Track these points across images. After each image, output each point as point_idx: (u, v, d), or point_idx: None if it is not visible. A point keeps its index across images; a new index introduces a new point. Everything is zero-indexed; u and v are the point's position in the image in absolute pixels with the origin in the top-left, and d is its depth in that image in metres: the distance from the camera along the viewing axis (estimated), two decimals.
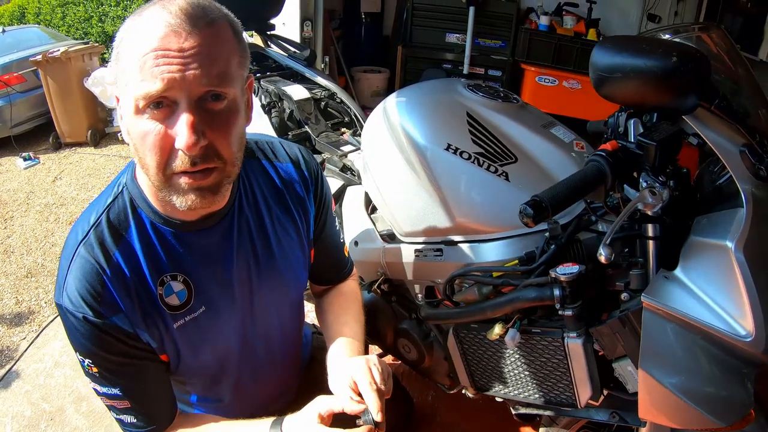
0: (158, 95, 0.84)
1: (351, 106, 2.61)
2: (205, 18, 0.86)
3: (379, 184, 1.74)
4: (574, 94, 4.87)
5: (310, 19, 4.24)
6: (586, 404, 1.41)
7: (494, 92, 1.69)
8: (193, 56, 0.83)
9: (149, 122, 0.86)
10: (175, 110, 0.86)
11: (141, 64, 0.82)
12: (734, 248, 1.01)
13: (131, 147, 0.92)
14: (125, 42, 0.85)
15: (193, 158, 0.88)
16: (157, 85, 0.82)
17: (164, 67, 0.82)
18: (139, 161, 0.92)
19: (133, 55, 0.83)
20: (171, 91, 0.84)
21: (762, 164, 1.08)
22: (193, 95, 0.86)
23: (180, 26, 0.83)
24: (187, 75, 0.83)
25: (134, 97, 0.84)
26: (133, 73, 0.83)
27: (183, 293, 1.06)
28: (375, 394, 1.02)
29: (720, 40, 1.33)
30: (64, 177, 4.41)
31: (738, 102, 1.27)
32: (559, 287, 1.23)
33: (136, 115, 0.87)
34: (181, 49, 0.83)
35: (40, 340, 2.68)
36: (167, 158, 0.88)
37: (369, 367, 1.07)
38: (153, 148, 0.88)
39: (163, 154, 0.88)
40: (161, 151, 0.88)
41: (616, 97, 1.19)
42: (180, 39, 0.82)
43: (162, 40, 0.82)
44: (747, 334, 1.00)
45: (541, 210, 0.98)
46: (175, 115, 0.86)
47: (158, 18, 0.83)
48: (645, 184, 1.07)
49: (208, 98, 0.88)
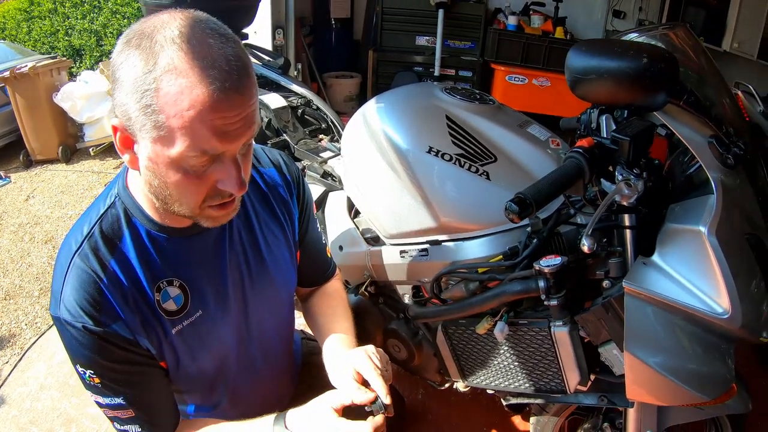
0: (225, 151, 0.88)
1: (327, 113, 2.64)
2: (248, 76, 0.87)
3: (362, 189, 1.78)
4: (544, 92, 4.97)
5: (282, 26, 4.26)
6: (575, 390, 1.46)
7: (471, 95, 1.74)
8: (246, 119, 0.87)
9: (188, 174, 0.89)
10: (219, 159, 0.90)
11: (195, 128, 0.83)
12: (707, 232, 1.08)
13: (153, 183, 0.93)
14: (164, 97, 0.82)
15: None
16: (213, 147, 0.85)
17: (222, 130, 0.84)
18: (162, 196, 0.94)
19: (185, 118, 0.82)
20: (233, 144, 0.88)
21: (729, 153, 1.14)
22: (240, 148, 0.91)
23: (236, 91, 0.84)
24: (241, 137, 0.88)
25: (180, 154, 0.85)
26: (180, 133, 0.84)
27: (180, 298, 1.08)
28: (380, 380, 1.05)
29: (685, 37, 1.41)
30: (37, 195, 4.34)
31: (704, 94, 1.34)
32: (544, 279, 1.28)
33: (171, 168, 0.88)
34: (240, 115, 0.86)
35: (24, 364, 2.63)
36: (204, 198, 0.93)
37: (369, 356, 1.11)
38: (192, 194, 0.92)
39: (201, 195, 0.92)
40: (200, 194, 0.92)
41: (591, 97, 1.25)
42: (238, 106, 0.85)
43: (210, 113, 0.83)
44: (724, 312, 1.07)
45: (526, 206, 1.03)
46: (219, 164, 0.90)
47: (210, 82, 0.82)
48: (621, 177, 1.12)
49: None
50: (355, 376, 1.08)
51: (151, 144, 0.86)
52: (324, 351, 1.26)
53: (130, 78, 0.83)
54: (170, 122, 0.82)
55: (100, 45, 5.49)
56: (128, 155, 0.92)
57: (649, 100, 1.15)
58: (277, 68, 2.75)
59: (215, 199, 0.94)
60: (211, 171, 0.90)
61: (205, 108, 0.81)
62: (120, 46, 0.86)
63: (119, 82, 0.85)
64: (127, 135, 0.89)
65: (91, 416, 2.26)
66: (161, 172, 0.90)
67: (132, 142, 0.90)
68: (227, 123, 0.84)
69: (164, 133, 0.84)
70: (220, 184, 0.91)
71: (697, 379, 1.12)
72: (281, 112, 2.51)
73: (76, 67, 5.50)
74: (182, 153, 0.85)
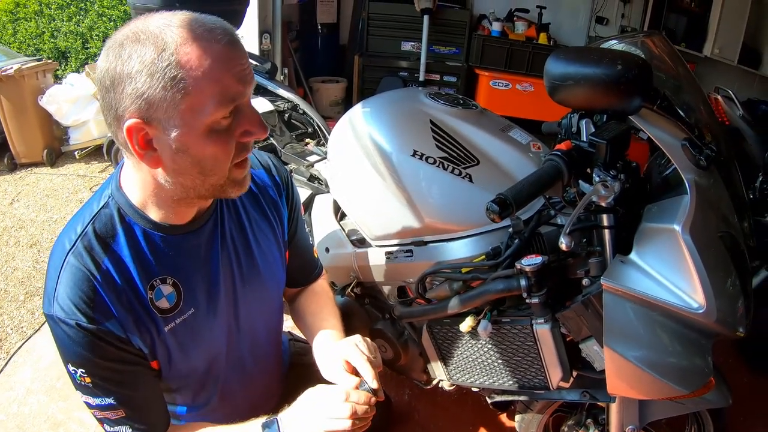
0: (243, 95, 0.94)
1: (314, 117, 2.66)
2: (229, 29, 0.94)
3: (348, 192, 1.81)
4: (527, 97, 5.03)
5: (269, 31, 4.27)
6: (558, 386, 1.50)
7: (454, 100, 1.78)
8: (248, 66, 0.95)
9: (218, 136, 0.94)
10: (237, 111, 0.95)
11: (221, 73, 0.89)
12: (681, 230, 1.13)
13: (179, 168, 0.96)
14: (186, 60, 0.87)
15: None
16: (239, 89, 0.92)
17: (241, 75, 0.92)
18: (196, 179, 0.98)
19: (207, 67, 0.88)
20: (248, 89, 0.95)
21: (701, 155, 1.19)
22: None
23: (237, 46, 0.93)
24: (252, 81, 0.96)
25: (212, 118, 0.91)
26: (211, 82, 0.89)
27: (172, 296, 1.10)
28: (367, 365, 1.10)
29: (661, 44, 1.46)
30: (22, 199, 4.31)
31: (679, 99, 1.39)
32: (525, 277, 1.32)
33: (204, 137, 0.93)
34: (245, 62, 0.93)
35: (10, 368, 2.61)
36: (234, 156, 0.98)
37: (356, 345, 1.15)
38: (227, 153, 0.96)
39: (231, 153, 0.97)
40: (231, 151, 0.97)
41: (569, 102, 1.30)
42: (237, 55, 0.92)
43: (228, 62, 0.90)
44: (699, 307, 1.11)
45: (506, 206, 1.07)
46: (240, 116, 0.96)
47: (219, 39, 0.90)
48: (598, 178, 1.17)
49: None
50: (344, 366, 1.12)
51: (181, 120, 0.90)
52: (314, 347, 1.29)
53: (143, 67, 0.86)
54: (200, 83, 0.88)
55: (85, 47, 5.44)
56: (149, 154, 0.94)
57: (624, 105, 1.20)
58: (263, 73, 2.76)
59: (240, 154, 0.99)
60: (235, 125, 0.95)
61: (224, 58, 0.90)
62: (113, 52, 0.88)
63: (129, 78, 0.87)
64: (146, 131, 0.91)
65: (78, 420, 2.25)
66: (194, 148, 0.93)
67: (151, 138, 0.92)
68: (242, 69, 0.92)
69: (194, 96, 0.88)
70: (246, 134, 0.97)
71: (676, 372, 1.16)
72: (268, 116, 2.54)
73: (61, 69, 5.45)
74: (214, 111, 0.90)
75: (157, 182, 0.99)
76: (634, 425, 1.48)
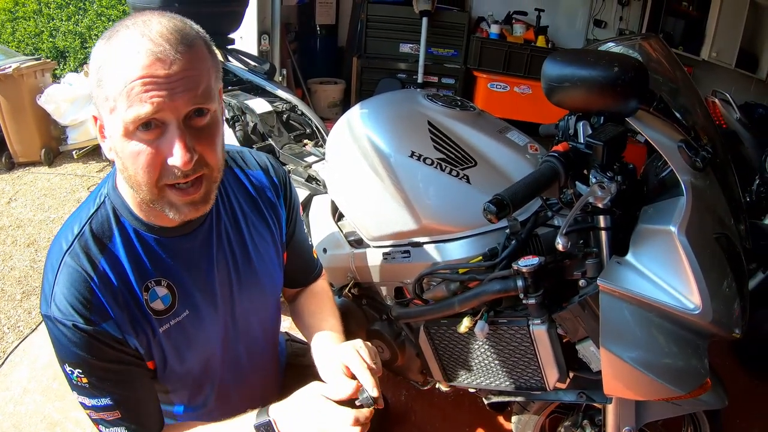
0: (147, 118, 0.89)
1: (312, 118, 2.67)
2: (185, 41, 0.91)
3: (346, 193, 1.81)
4: (525, 99, 5.04)
5: (267, 32, 4.28)
6: (555, 387, 1.50)
7: (452, 101, 1.78)
8: (179, 81, 0.89)
9: (139, 144, 0.91)
10: (165, 130, 0.91)
11: (128, 90, 0.87)
12: (677, 232, 1.13)
13: (119, 165, 0.97)
14: (107, 68, 0.89)
15: (185, 172, 0.94)
16: (146, 108, 0.87)
17: (153, 92, 0.87)
18: (129, 179, 0.97)
19: (119, 82, 0.87)
20: (160, 114, 0.89)
21: (697, 156, 1.19)
22: (181, 115, 0.91)
23: (164, 54, 0.87)
24: (174, 99, 0.89)
25: (123, 121, 0.89)
26: (120, 98, 0.88)
27: (167, 298, 1.10)
28: (368, 372, 1.07)
29: (658, 47, 1.47)
30: (19, 198, 4.30)
31: (676, 101, 1.40)
32: (522, 278, 1.32)
33: (125, 138, 0.91)
34: (168, 75, 0.88)
35: (6, 368, 2.60)
36: (159, 174, 0.94)
37: (356, 350, 1.13)
38: (146, 167, 0.93)
39: (155, 170, 0.93)
40: (153, 168, 0.93)
41: (566, 104, 1.31)
42: (165, 66, 0.87)
43: (148, 68, 0.87)
44: (695, 308, 1.12)
45: (503, 207, 1.07)
46: (166, 136, 0.92)
47: (141, 45, 0.87)
48: (594, 179, 1.17)
49: (193, 115, 0.93)
50: (343, 370, 1.10)
51: (109, 119, 0.91)
52: (313, 348, 1.28)
53: (94, 63, 0.91)
54: (113, 89, 0.88)
55: (84, 47, 5.44)
56: (106, 143, 0.97)
57: (620, 107, 1.21)
58: (262, 73, 2.77)
59: (169, 177, 0.95)
60: (159, 145, 0.92)
61: (135, 67, 0.87)
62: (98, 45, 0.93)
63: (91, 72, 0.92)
64: (101, 123, 0.95)
65: (75, 420, 2.25)
66: (119, 147, 0.93)
67: (103, 127, 0.95)
68: (159, 87, 0.87)
69: (111, 103, 0.89)
70: (169, 159, 0.92)
71: (672, 373, 1.16)
72: (266, 117, 2.54)
73: (60, 69, 5.44)
74: (127, 121, 0.89)
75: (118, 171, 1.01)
76: (630, 426, 1.48)
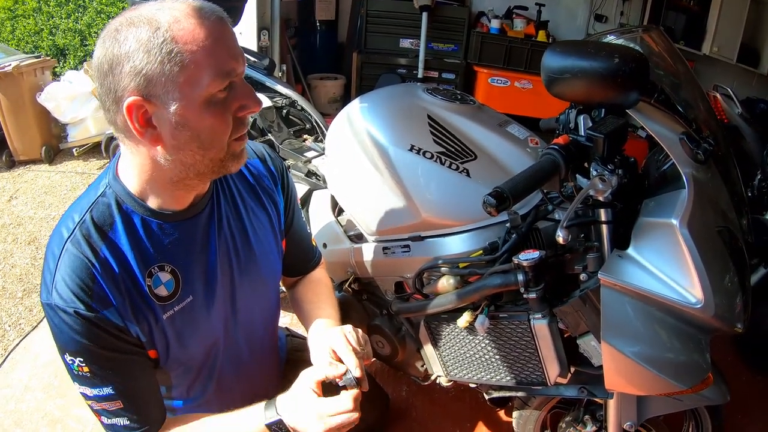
0: (236, 74, 0.97)
1: (311, 113, 2.67)
2: (223, 13, 0.97)
3: (346, 187, 1.81)
4: (525, 94, 5.03)
5: (267, 28, 4.27)
6: (556, 382, 1.50)
7: (452, 95, 1.78)
8: (231, 36, 0.97)
9: (215, 109, 0.96)
10: (232, 86, 0.98)
11: (211, 58, 0.92)
12: (679, 225, 1.12)
13: (185, 143, 0.98)
14: (181, 36, 0.90)
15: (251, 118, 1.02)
16: (233, 64, 0.95)
17: (227, 52, 0.95)
18: (194, 153, 0.99)
19: (197, 55, 0.91)
20: (240, 67, 0.98)
21: (699, 149, 1.18)
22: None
23: (215, 16, 0.95)
24: (238, 52, 0.97)
25: (208, 90, 0.93)
26: (203, 70, 0.92)
27: (171, 283, 1.10)
28: (352, 355, 1.12)
29: (660, 40, 1.46)
30: (20, 196, 4.30)
31: (678, 94, 1.39)
32: (523, 272, 1.32)
33: (203, 108, 0.94)
34: (224, 33, 0.95)
35: (7, 365, 2.60)
36: (231, 130, 1.00)
37: (344, 335, 1.17)
38: (224, 128, 0.98)
39: (230, 127, 0.99)
40: (228, 126, 0.99)
41: (566, 96, 1.29)
42: (221, 26, 0.95)
43: (215, 33, 0.93)
44: (697, 302, 1.11)
45: (503, 200, 1.06)
46: (234, 91, 0.98)
47: (210, 17, 0.93)
48: (595, 172, 1.16)
49: None
50: (331, 354, 1.14)
51: (180, 93, 0.92)
52: (309, 335, 1.30)
53: (139, 46, 0.90)
54: (195, 56, 0.91)
55: (84, 45, 5.44)
56: (149, 132, 0.96)
57: (621, 99, 1.20)
58: (262, 69, 2.77)
59: (238, 129, 1.01)
60: (231, 99, 0.97)
61: (216, 34, 0.93)
62: (108, 39, 0.91)
63: (126, 57, 0.90)
64: (146, 108, 0.93)
65: (76, 417, 2.25)
66: (193, 121, 0.95)
67: (150, 116, 0.94)
68: (233, 45, 0.96)
69: (191, 69, 0.91)
70: (242, 107, 0.99)
71: (674, 368, 1.15)
72: (266, 112, 2.53)
73: (60, 66, 5.44)
74: (210, 83, 0.93)
75: (156, 164, 1.01)
76: (631, 422, 1.48)
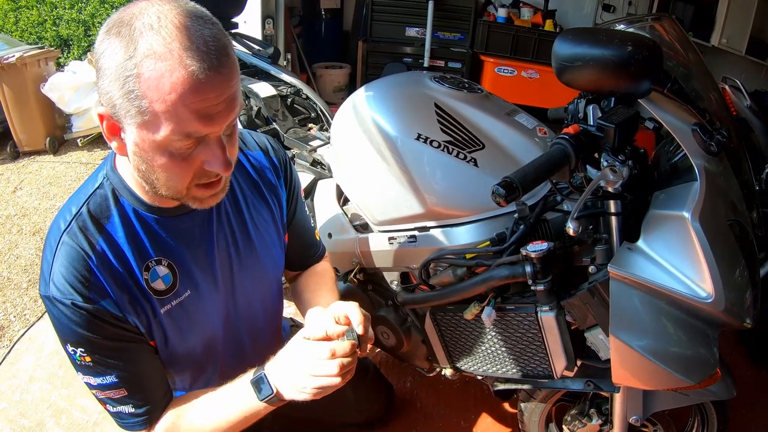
0: (196, 136, 0.89)
1: (317, 102, 2.64)
2: (224, 50, 0.87)
3: (351, 176, 1.79)
4: (532, 84, 4.98)
5: (272, 16, 4.24)
6: (562, 375, 1.49)
7: (459, 83, 1.75)
8: (225, 100, 0.88)
9: (173, 156, 0.91)
10: (204, 140, 0.91)
11: (177, 112, 0.84)
12: (690, 218, 1.10)
13: (140, 167, 0.95)
14: (145, 83, 0.83)
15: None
16: (196, 128, 0.87)
17: (204, 114, 0.86)
18: (150, 180, 0.96)
19: (166, 102, 0.83)
20: (207, 131, 0.89)
21: (712, 140, 1.16)
22: (224, 129, 0.92)
23: (212, 72, 0.84)
24: (222, 118, 0.89)
25: (164, 137, 0.87)
26: (165, 117, 0.85)
27: (168, 277, 1.10)
28: (358, 311, 1.06)
29: (671, 29, 1.42)
30: (25, 187, 4.30)
31: (689, 85, 1.36)
32: (530, 264, 1.30)
33: (158, 150, 0.90)
34: (218, 96, 0.86)
35: (12, 356, 2.61)
36: (191, 178, 0.95)
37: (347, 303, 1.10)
38: (180, 176, 0.94)
39: (188, 177, 0.94)
40: (187, 174, 0.94)
41: (577, 84, 1.26)
42: (214, 87, 0.85)
43: (199, 92, 0.84)
44: (707, 296, 1.09)
45: (512, 190, 1.04)
46: (204, 145, 0.92)
47: (189, 65, 0.82)
48: (606, 163, 1.14)
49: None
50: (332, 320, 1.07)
51: (137, 129, 0.88)
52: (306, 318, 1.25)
53: (112, 66, 0.84)
54: (153, 107, 0.84)
55: (87, 35, 5.42)
56: (116, 142, 0.94)
57: (633, 88, 1.17)
58: (266, 57, 2.74)
59: (202, 179, 0.96)
60: (197, 153, 0.92)
61: (186, 91, 0.83)
62: (101, 35, 0.87)
63: (102, 70, 0.86)
64: (114, 122, 0.90)
65: (81, 407, 2.25)
66: (148, 156, 0.91)
67: (119, 129, 0.91)
68: (209, 105, 0.86)
69: (148, 117, 0.85)
70: (207, 165, 0.93)
71: (682, 362, 1.14)
72: (271, 101, 2.51)
73: (63, 57, 5.43)
74: (167, 137, 0.86)
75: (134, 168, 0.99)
76: (637, 416, 1.47)
